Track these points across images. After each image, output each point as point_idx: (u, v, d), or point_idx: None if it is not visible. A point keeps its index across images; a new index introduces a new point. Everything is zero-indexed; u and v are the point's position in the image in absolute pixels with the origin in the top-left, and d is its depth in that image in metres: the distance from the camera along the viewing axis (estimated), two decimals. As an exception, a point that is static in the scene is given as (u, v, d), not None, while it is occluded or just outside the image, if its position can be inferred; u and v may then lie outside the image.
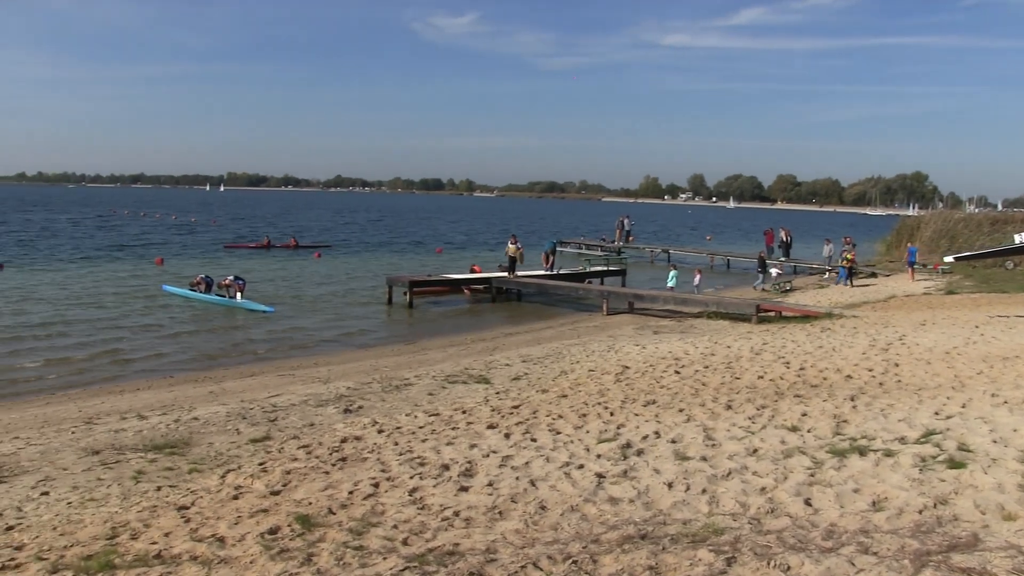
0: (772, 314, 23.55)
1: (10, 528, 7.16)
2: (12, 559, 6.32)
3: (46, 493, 8.20)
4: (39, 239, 56.88)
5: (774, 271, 38.00)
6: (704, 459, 8.22)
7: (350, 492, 7.70)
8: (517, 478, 7.93)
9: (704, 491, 7.21)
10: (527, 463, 8.46)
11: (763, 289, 33.25)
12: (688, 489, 7.30)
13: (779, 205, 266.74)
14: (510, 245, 32.01)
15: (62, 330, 22.52)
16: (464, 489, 7.67)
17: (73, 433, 11.36)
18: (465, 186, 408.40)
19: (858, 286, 33.49)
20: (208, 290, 28.04)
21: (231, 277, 27.74)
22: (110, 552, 6.31)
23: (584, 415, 10.76)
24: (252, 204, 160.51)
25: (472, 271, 34.51)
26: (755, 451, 8.40)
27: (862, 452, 7.96)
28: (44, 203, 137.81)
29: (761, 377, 13.36)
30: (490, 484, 7.78)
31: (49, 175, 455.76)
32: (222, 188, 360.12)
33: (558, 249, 37.53)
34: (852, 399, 10.80)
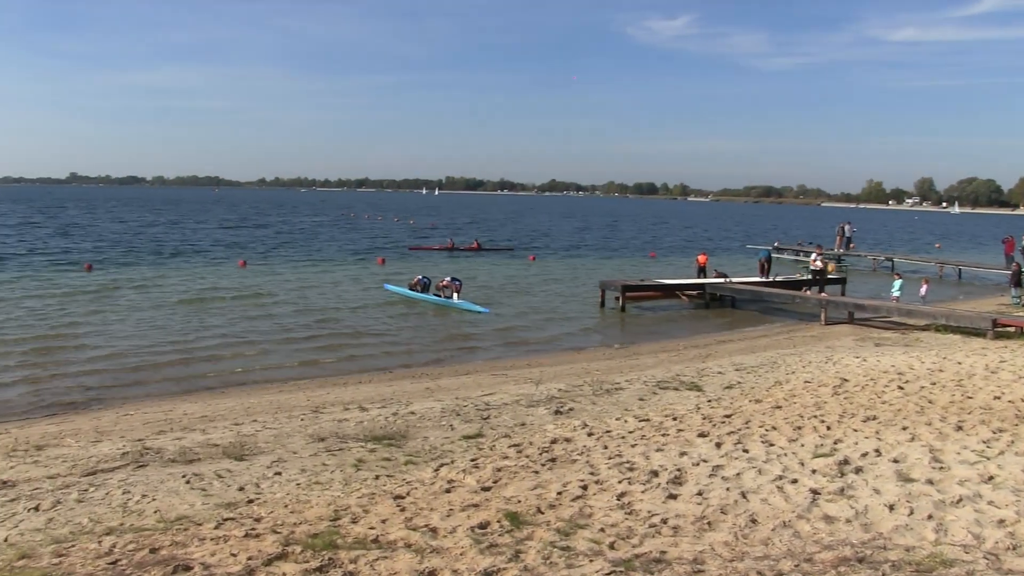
0: (1012, 329, 21.69)
1: (251, 501, 7.84)
2: (253, 529, 6.90)
3: (279, 473, 8.89)
4: (299, 239, 61.53)
5: None
6: (930, 482, 7.73)
7: (559, 493, 7.81)
8: (727, 489, 7.77)
9: (930, 517, 6.78)
10: (738, 474, 8.26)
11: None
12: (912, 513, 6.89)
13: (1021, 211, 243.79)
14: (816, 258, 30.55)
15: (289, 324, 24.22)
16: (673, 497, 7.60)
17: (302, 420, 12.19)
18: (679, 190, 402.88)
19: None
20: (426, 290, 29.20)
21: (448, 278, 28.75)
22: (333, 533, 6.73)
23: (799, 428, 10.38)
24: (475, 207, 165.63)
25: (698, 263, 34.11)
26: (991, 478, 7.80)
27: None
28: (289, 206, 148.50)
29: (998, 398, 12.37)
30: (699, 493, 7.66)
31: (284, 180, 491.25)
32: (436, 192, 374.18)
33: (773, 256, 36.35)
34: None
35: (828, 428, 10.30)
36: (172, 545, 6.52)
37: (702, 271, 33.76)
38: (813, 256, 30.76)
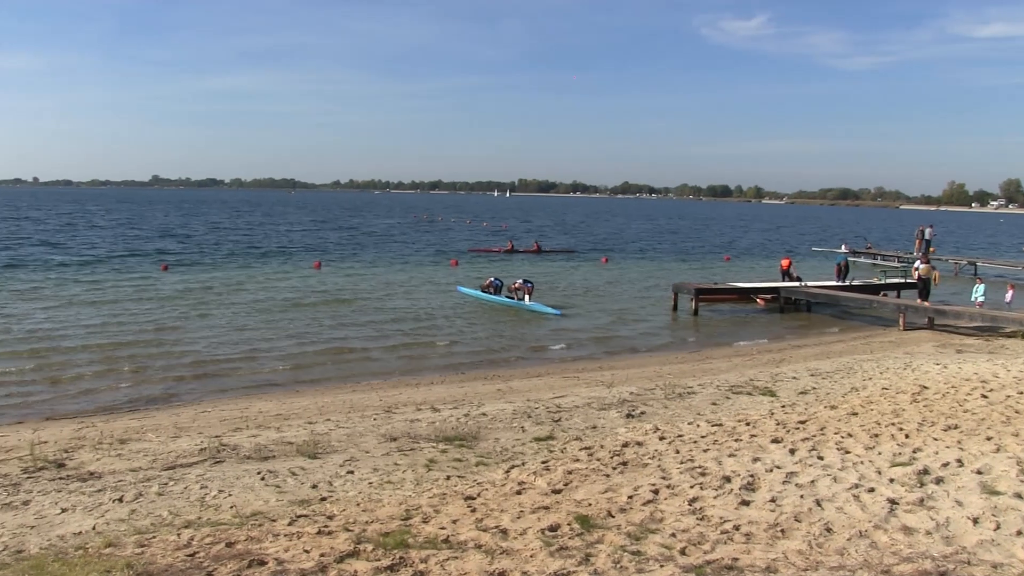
0: (1106, 337, 20.84)
1: (324, 499, 7.97)
2: (326, 526, 7.01)
3: (351, 472, 9.01)
4: (374, 241, 62.45)
5: None
6: (1019, 496, 7.47)
7: (630, 497, 7.75)
8: (801, 496, 7.62)
9: (1020, 533, 6.55)
10: (812, 481, 8.10)
11: None
12: (998, 528, 6.66)
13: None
14: (920, 264, 28.70)
15: (362, 325, 24.53)
16: (745, 503, 7.49)
17: (375, 420, 12.33)
18: (753, 193, 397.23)
19: None
20: (498, 292, 29.30)
21: (521, 280, 28.80)
22: (404, 532, 6.79)
23: (876, 435, 10.13)
24: (548, 210, 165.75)
25: (782, 267, 33.52)
26: (1083, 492, 7.50)
27: None
28: (364, 208, 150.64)
29: (1091, 407, 11.89)
30: (773, 500, 7.53)
31: (359, 182, 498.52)
32: (508, 194, 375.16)
33: (850, 260, 35.53)
34: None
35: (907, 436, 10.03)
36: (247, 540, 6.65)
37: (786, 275, 33.07)
38: (916, 263, 29.65)
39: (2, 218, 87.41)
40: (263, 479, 8.74)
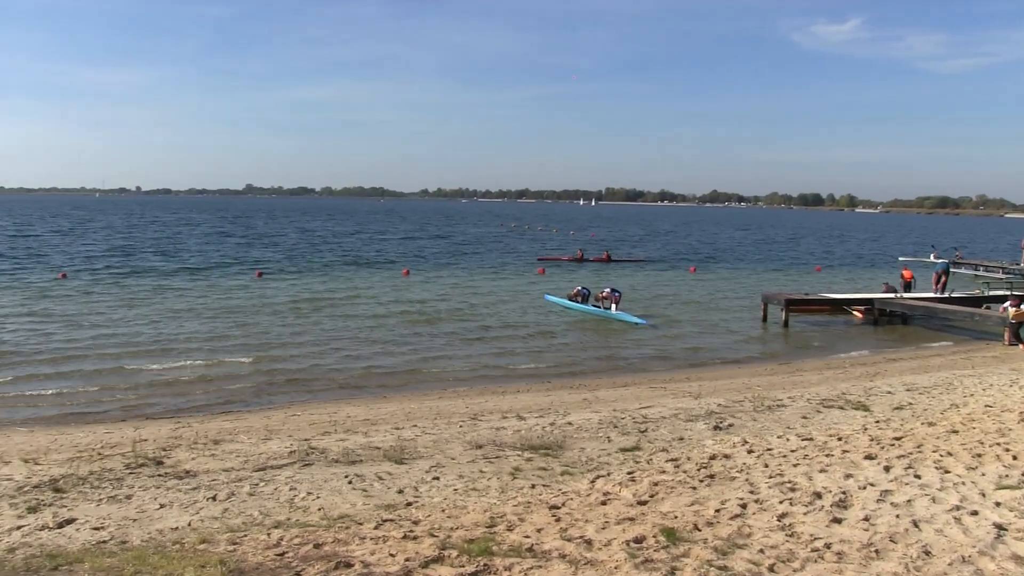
0: None
1: (410, 504, 8.05)
2: (411, 531, 7.07)
3: (437, 478, 9.07)
4: (462, 249, 63.15)
5: None
6: None
7: (717, 510, 7.62)
8: (897, 516, 7.36)
9: None
10: (909, 501, 7.82)
11: None
12: (1123, 559, 6.31)
13: None
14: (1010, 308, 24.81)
15: (448, 332, 24.73)
16: (837, 521, 7.27)
17: (461, 427, 12.40)
18: (846, 201, 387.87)
19: None
20: (585, 301, 29.22)
21: (608, 289, 28.65)
22: (488, 539, 6.80)
23: (979, 455, 9.72)
24: (635, 218, 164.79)
25: (904, 278, 32.43)
26: None
27: None
28: (455, 216, 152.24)
29: None
30: (866, 519, 7.30)
31: (447, 191, 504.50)
32: (594, 203, 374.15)
33: (951, 270, 34.24)
34: None
35: (1014, 458, 9.58)
36: (334, 542, 6.76)
37: (908, 287, 31.88)
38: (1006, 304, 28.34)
39: (113, 226, 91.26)
40: (350, 483, 8.87)
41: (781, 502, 7.84)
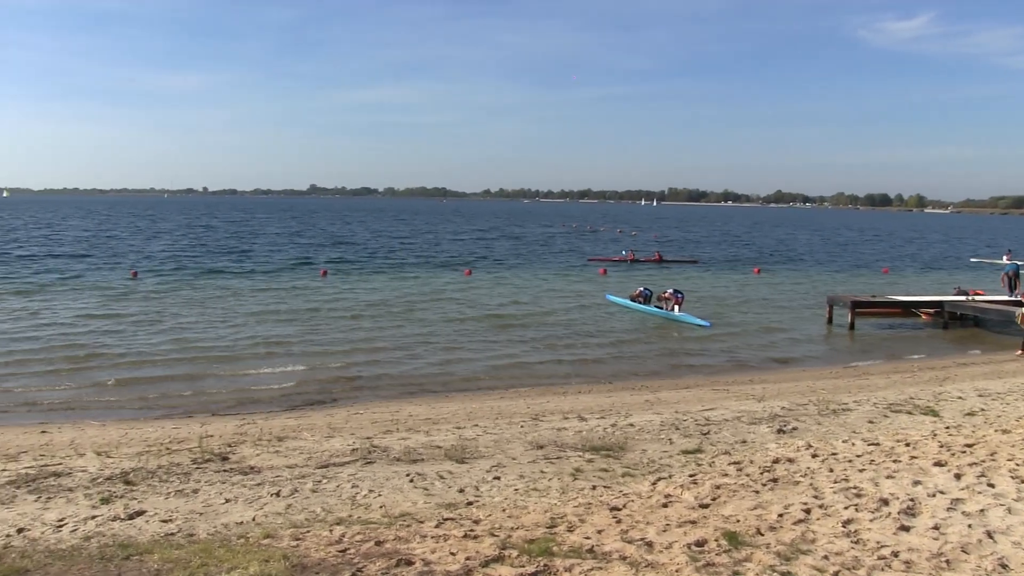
0: None
1: (470, 503, 8.07)
2: (472, 530, 7.10)
3: (498, 478, 9.09)
4: (524, 249, 63.37)
5: None
6: None
7: (780, 515, 7.50)
8: (969, 526, 7.16)
9: None
10: (982, 511, 7.60)
11: None
12: None
13: None
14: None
15: (510, 332, 24.78)
16: (905, 528, 7.11)
17: (522, 427, 12.41)
18: (915, 202, 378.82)
19: None
20: (647, 302, 29.03)
21: (670, 290, 28.42)
22: (549, 540, 6.79)
23: (1057, 464, 9.41)
24: (699, 219, 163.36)
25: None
26: None
27: None
28: (518, 216, 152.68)
29: None
30: (936, 528, 7.12)
31: (508, 191, 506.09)
32: (655, 203, 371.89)
33: (1022, 272, 33.17)
34: None
35: (1093, 467, 9.26)
36: (396, 540, 6.81)
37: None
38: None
39: (184, 226, 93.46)
40: (412, 481, 8.94)
41: (846, 508, 7.69)
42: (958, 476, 8.79)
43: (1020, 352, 22.53)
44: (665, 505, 7.93)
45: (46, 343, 21.59)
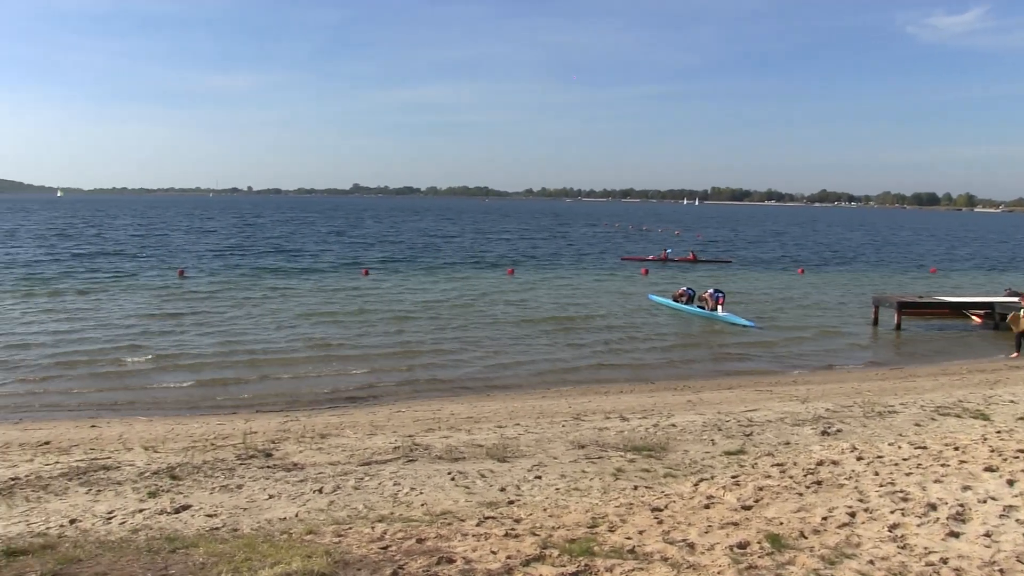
0: None
1: (511, 502, 8.07)
2: (513, 529, 7.10)
3: (539, 477, 9.09)
4: (568, 248, 63.40)
5: None
6: None
7: (824, 518, 7.40)
8: None
9: None
10: (1036, 517, 7.41)
11: None
12: None
13: None
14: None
15: (550, 332, 24.75)
16: (954, 535, 6.97)
17: (563, 426, 12.39)
18: (964, 201, 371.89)
19: None
20: (691, 302, 28.85)
21: (712, 290, 28.23)
22: (590, 540, 6.77)
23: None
24: (743, 218, 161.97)
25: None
26: None
27: None
28: (561, 216, 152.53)
29: None
30: (987, 535, 6.96)
31: (550, 191, 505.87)
32: (697, 202, 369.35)
33: None
34: None
35: None
36: (437, 537, 6.83)
37: None
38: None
39: (231, 225, 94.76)
40: (453, 479, 8.97)
41: (892, 512, 7.57)
42: (1011, 482, 8.60)
43: (1016, 355, 22.37)
44: (707, 506, 7.87)
45: (95, 341, 22.01)
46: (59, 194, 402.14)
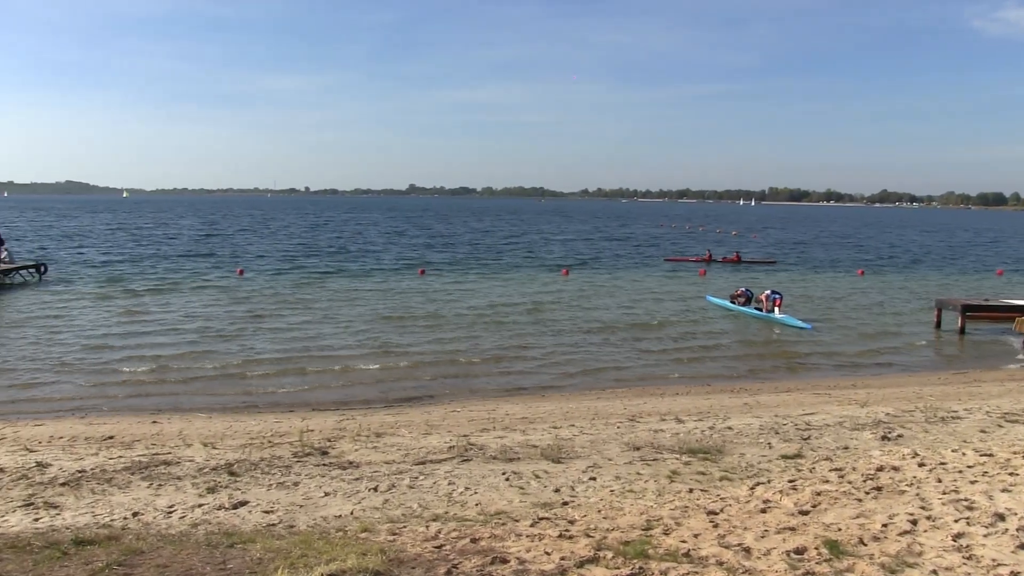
0: None
1: (566, 504, 8.06)
2: (567, 530, 7.08)
3: (594, 478, 9.05)
4: (625, 249, 63.21)
5: None
6: None
7: (884, 525, 7.25)
8: (1097, 546, 6.77)
9: None
10: (1110, 529, 7.16)
11: None
12: None
13: None
14: None
15: (606, 333, 24.65)
16: None
17: (618, 428, 12.33)
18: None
19: None
20: (747, 303, 28.52)
21: (769, 291, 27.87)
22: (644, 542, 6.72)
23: None
24: (801, 219, 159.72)
25: None
26: None
27: None
28: (620, 216, 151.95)
29: None
30: (1059, 547, 6.74)
31: (606, 191, 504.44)
32: (753, 203, 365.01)
33: None
34: None
35: None
36: (491, 537, 6.84)
37: None
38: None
39: (294, 225, 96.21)
40: (507, 480, 8.97)
41: (956, 521, 7.38)
42: (1081, 491, 8.33)
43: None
44: (763, 511, 7.76)
45: (157, 339, 22.50)
46: (124, 195, 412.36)
